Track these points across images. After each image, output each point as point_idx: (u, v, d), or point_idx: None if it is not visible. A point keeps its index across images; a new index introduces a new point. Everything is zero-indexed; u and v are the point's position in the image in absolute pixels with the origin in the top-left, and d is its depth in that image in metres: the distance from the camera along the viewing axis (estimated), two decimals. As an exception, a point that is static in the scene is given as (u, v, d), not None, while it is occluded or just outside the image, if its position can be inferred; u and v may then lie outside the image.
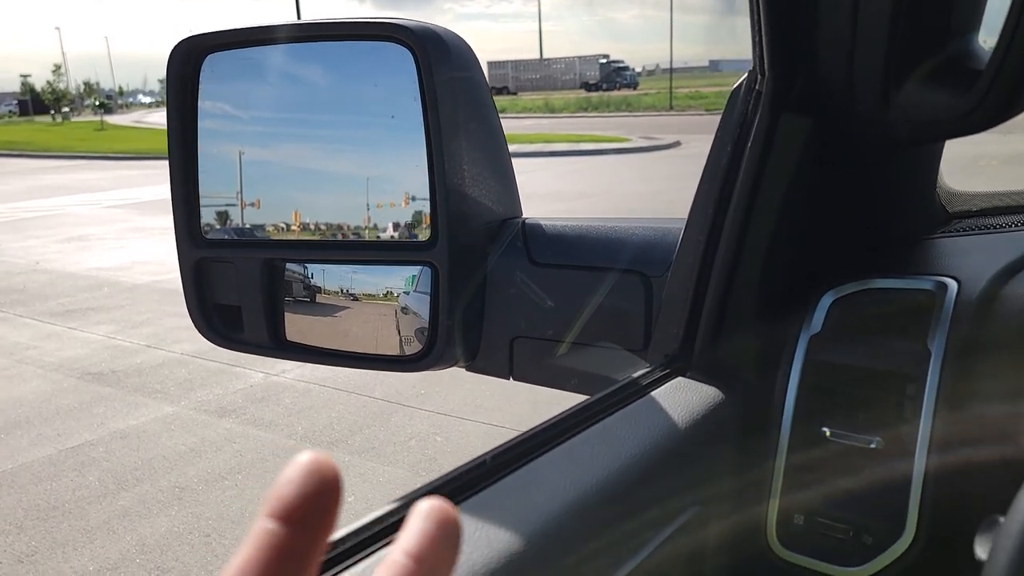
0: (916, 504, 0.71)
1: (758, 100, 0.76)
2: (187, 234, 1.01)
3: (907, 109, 0.68)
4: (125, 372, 5.86)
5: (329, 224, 1.01)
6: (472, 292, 0.97)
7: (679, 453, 0.71)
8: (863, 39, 0.68)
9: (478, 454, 0.90)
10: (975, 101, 0.62)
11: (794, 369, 0.79)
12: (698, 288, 0.82)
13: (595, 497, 0.61)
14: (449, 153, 0.89)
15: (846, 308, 0.79)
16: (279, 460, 4.37)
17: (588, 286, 0.93)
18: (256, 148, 1.04)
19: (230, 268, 1.02)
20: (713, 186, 0.80)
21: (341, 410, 5.01)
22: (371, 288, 1.05)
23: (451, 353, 0.97)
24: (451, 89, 0.89)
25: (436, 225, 0.92)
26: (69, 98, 78.65)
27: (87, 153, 30.11)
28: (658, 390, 0.77)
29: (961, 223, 0.95)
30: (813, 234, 0.85)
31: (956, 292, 0.75)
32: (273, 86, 1.01)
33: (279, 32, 0.94)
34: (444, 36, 0.90)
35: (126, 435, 4.76)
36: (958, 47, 0.69)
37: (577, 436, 0.68)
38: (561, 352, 0.95)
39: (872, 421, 0.74)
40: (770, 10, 0.70)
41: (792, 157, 0.77)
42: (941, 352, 0.72)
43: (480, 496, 0.57)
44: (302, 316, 1.06)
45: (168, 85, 0.96)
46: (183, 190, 0.99)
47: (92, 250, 10.72)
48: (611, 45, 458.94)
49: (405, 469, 4.20)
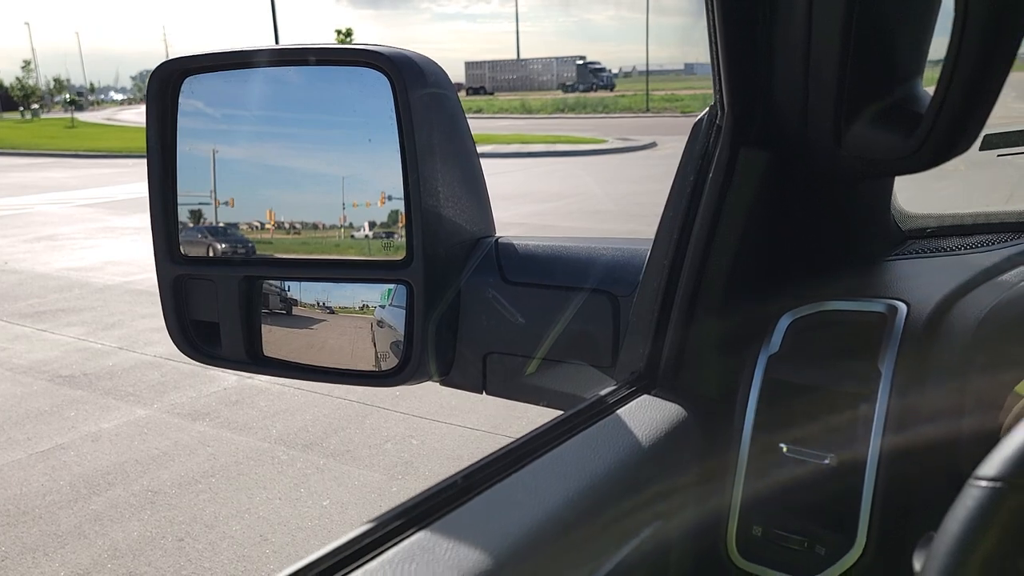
0: (866, 517, 0.75)
1: (719, 134, 0.80)
2: (166, 252, 1.03)
3: (857, 147, 0.72)
4: (97, 375, 5.80)
5: (304, 223, 1.02)
6: (446, 309, 1.00)
7: (643, 469, 0.74)
8: (815, 82, 0.72)
9: (453, 457, 0.90)
10: (917, 143, 0.66)
11: (753, 387, 0.82)
12: (663, 309, 0.85)
13: (562, 516, 0.63)
14: (424, 174, 0.92)
15: (803, 329, 0.83)
16: (253, 464, 4.36)
17: (559, 304, 0.96)
18: (230, 147, 1.05)
19: (208, 285, 1.04)
20: (678, 212, 0.84)
21: (316, 413, 5.00)
22: (347, 302, 1.07)
23: (425, 368, 1.00)
24: (426, 112, 0.92)
25: (411, 244, 0.95)
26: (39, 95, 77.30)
27: (57, 151, 29.66)
28: (624, 408, 0.80)
29: (915, 244, 1.00)
30: (772, 259, 0.89)
31: (905, 315, 0.79)
32: (251, 106, 1.03)
33: (258, 56, 0.96)
34: (419, 61, 0.93)
35: (98, 438, 4.72)
36: (903, 91, 0.73)
37: (547, 454, 0.70)
38: (532, 369, 0.98)
39: (826, 438, 0.78)
40: (728, 52, 0.74)
41: (751, 187, 0.81)
42: (890, 373, 0.76)
43: (451, 516, 0.60)
44: (279, 329, 1.08)
45: (148, 106, 0.98)
46: (162, 209, 1.01)
47: (62, 250, 10.57)
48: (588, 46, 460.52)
49: (381, 472, 4.21)
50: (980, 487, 0.45)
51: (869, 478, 0.75)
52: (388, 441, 4.58)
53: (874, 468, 0.75)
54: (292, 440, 4.64)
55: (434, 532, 0.56)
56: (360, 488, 4.07)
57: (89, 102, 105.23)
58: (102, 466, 4.36)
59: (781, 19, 0.72)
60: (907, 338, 0.78)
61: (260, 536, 3.64)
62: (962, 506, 0.45)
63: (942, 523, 0.46)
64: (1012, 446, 0.45)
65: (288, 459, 4.40)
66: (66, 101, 69.31)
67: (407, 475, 4.17)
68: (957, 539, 0.43)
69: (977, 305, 0.78)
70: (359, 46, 0.93)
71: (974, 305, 0.79)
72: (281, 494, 4.02)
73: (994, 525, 0.43)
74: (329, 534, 3.62)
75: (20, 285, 8.61)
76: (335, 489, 4.05)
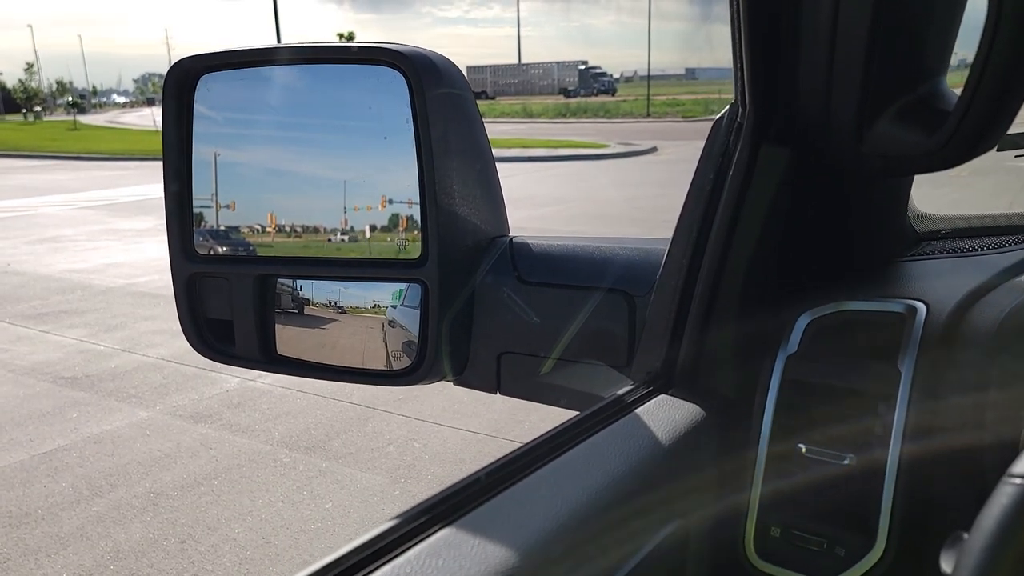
0: (887, 519, 0.74)
1: (739, 132, 0.79)
2: (180, 249, 1.03)
3: (879, 145, 0.72)
4: (99, 376, 5.80)
5: (305, 226, 1.02)
6: (460, 308, 1.00)
7: (661, 469, 0.74)
8: (838, 78, 0.72)
9: (456, 460, 0.89)
10: (942, 141, 0.66)
11: (772, 387, 0.82)
12: (680, 308, 0.85)
13: (584, 513, 0.63)
14: (440, 173, 0.92)
15: (822, 329, 0.83)
16: (255, 466, 4.35)
17: (574, 304, 0.96)
18: (234, 151, 1.04)
19: (222, 283, 1.04)
20: (696, 211, 0.84)
21: (318, 415, 5.00)
22: (358, 301, 1.07)
23: (439, 368, 0.99)
24: (442, 111, 0.91)
25: (427, 243, 0.95)
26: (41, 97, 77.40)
27: (60, 153, 29.70)
28: (641, 408, 0.80)
29: (930, 245, 0.99)
30: (791, 258, 0.89)
31: (925, 315, 0.79)
32: (268, 103, 1.03)
33: (276, 55, 0.96)
34: (436, 61, 0.93)
35: (100, 440, 4.72)
36: (928, 88, 0.73)
37: (567, 453, 0.70)
38: (547, 368, 0.98)
39: (845, 439, 0.77)
40: (751, 48, 0.74)
41: (771, 186, 0.81)
42: (910, 373, 0.76)
43: (476, 513, 0.60)
44: (291, 328, 1.08)
45: (164, 105, 0.98)
46: (178, 207, 1.01)
47: (65, 252, 10.58)
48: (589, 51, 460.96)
49: (384, 476, 4.21)
50: (1015, 484, 0.44)
51: (890, 479, 0.74)
52: (391, 444, 4.57)
53: (894, 469, 0.74)
54: (294, 443, 4.63)
55: (459, 529, 0.56)
56: (363, 491, 4.06)
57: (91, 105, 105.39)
58: (104, 468, 4.36)
59: (806, 14, 0.72)
60: (927, 338, 0.77)
61: (263, 538, 3.63)
62: (997, 503, 0.44)
63: (976, 520, 0.45)
64: None
65: (290, 461, 4.40)
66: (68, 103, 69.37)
67: (410, 478, 4.16)
68: (992, 536, 0.43)
69: (997, 306, 0.78)
70: (377, 44, 0.92)
71: (993, 306, 0.78)
72: (283, 497, 4.01)
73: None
74: (332, 536, 3.62)
75: (22, 287, 8.61)
76: (337, 492, 4.05)
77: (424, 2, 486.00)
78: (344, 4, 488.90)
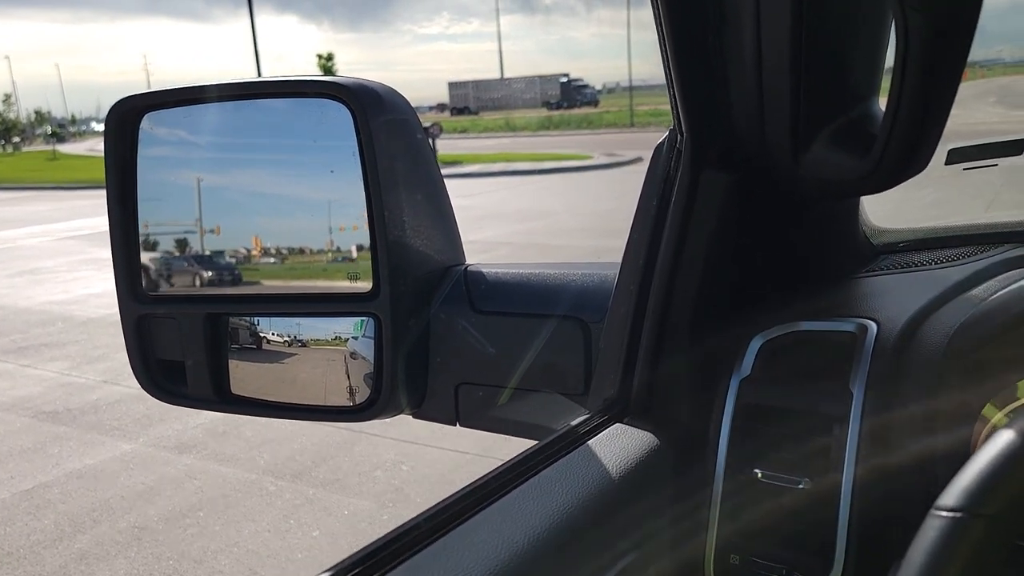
0: (843, 541, 0.73)
1: (679, 158, 0.79)
2: (128, 291, 1.01)
3: (815, 168, 0.72)
4: (81, 410, 5.74)
5: (291, 248, 1.00)
6: (416, 340, 0.98)
7: (617, 501, 0.73)
8: (769, 102, 0.72)
9: (444, 482, 0.87)
10: (872, 165, 0.65)
11: (726, 412, 0.81)
12: (632, 335, 0.84)
13: (533, 552, 0.62)
14: (389, 205, 0.91)
15: (774, 351, 0.82)
16: (241, 495, 4.30)
17: (529, 333, 0.95)
18: (213, 176, 1.03)
19: (172, 323, 1.02)
20: (642, 238, 0.83)
21: (304, 441, 4.95)
22: (320, 334, 1.05)
23: (397, 402, 0.98)
24: (388, 141, 0.90)
25: (378, 276, 0.93)
26: (20, 128, 76.90)
27: (39, 184, 29.51)
28: (595, 438, 0.79)
29: (886, 260, 0.99)
30: (741, 281, 0.88)
31: (875, 334, 0.79)
32: (212, 141, 1.02)
33: (217, 91, 0.95)
34: (378, 89, 0.92)
35: (82, 475, 4.65)
36: (858, 111, 0.73)
37: (516, 490, 0.69)
38: (504, 399, 0.96)
39: (801, 462, 0.76)
40: (680, 75, 0.73)
41: (714, 210, 0.80)
42: (862, 393, 0.75)
43: (417, 558, 0.58)
44: (249, 364, 1.06)
45: (105, 143, 0.96)
46: (123, 247, 0.99)
47: (44, 284, 10.48)
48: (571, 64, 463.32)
49: (371, 501, 4.17)
50: (941, 517, 0.43)
51: (845, 502, 0.73)
52: (378, 468, 4.53)
53: (849, 491, 0.73)
54: (280, 470, 4.58)
55: None
56: (350, 517, 4.02)
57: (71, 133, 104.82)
58: (87, 503, 4.30)
59: (731, 42, 0.72)
60: (877, 358, 0.77)
61: (249, 570, 3.58)
62: (924, 537, 0.43)
63: (906, 555, 0.45)
64: (971, 475, 0.44)
65: (276, 490, 4.35)
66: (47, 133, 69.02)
67: (398, 502, 4.13)
68: (920, 571, 0.42)
69: (947, 322, 0.78)
70: (318, 77, 0.92)
71: (943, 322, 0.78)
72: (270, 526, 3.96)
73: (957, 556, 0.42)
74: (319, 565, 3.56)
75: (2, 321, 8.52)
76: (325, 519, 4.00)
77: (404, 20, 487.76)
78: (324, 25, 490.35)
